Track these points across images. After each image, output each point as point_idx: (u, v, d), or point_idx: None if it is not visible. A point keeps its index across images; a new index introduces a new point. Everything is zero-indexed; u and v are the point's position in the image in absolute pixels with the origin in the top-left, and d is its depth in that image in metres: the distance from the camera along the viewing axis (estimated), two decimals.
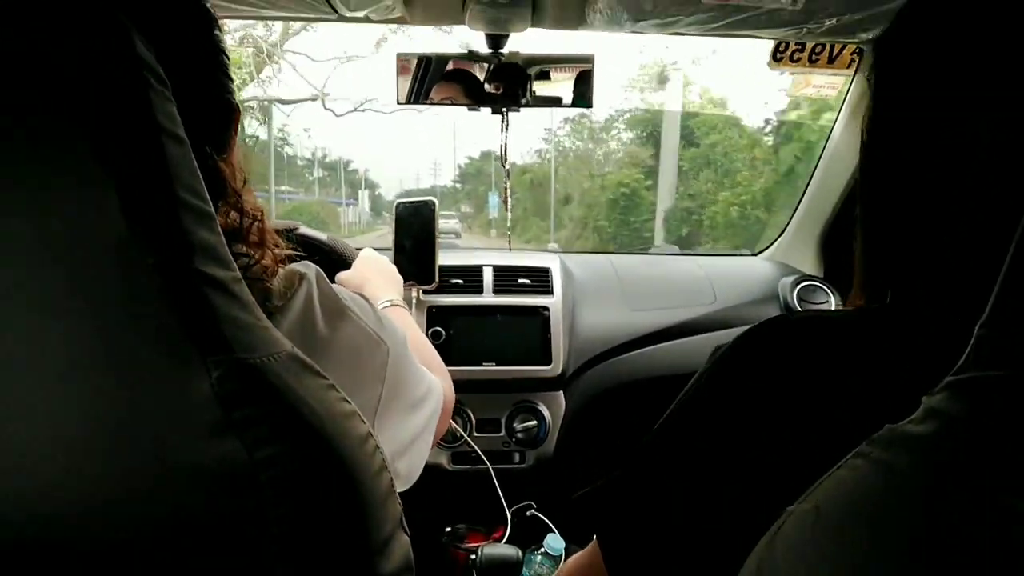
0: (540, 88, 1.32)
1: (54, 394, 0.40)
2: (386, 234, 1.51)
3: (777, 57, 1.36)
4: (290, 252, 0.70)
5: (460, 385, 1.44)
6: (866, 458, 0.37)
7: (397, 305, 1.07)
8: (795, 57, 1.36)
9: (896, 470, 0.35)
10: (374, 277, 1.13)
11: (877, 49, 0.58)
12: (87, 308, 0.40)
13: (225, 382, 0.43)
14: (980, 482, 0.31)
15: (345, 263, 1.16)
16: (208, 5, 0.61)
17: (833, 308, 1.57)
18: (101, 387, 0.41)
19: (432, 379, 0.87)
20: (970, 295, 0.39)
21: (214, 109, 0.62)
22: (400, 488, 0.64)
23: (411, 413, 0.79)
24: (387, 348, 0.73)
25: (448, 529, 1.46)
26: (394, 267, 1.18)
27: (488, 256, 1.62)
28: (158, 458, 0.42)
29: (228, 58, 0.63)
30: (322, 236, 1.28)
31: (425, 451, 0.83)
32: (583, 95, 1.31)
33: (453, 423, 1.39)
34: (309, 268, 0.67)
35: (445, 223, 18.54)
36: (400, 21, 1.18)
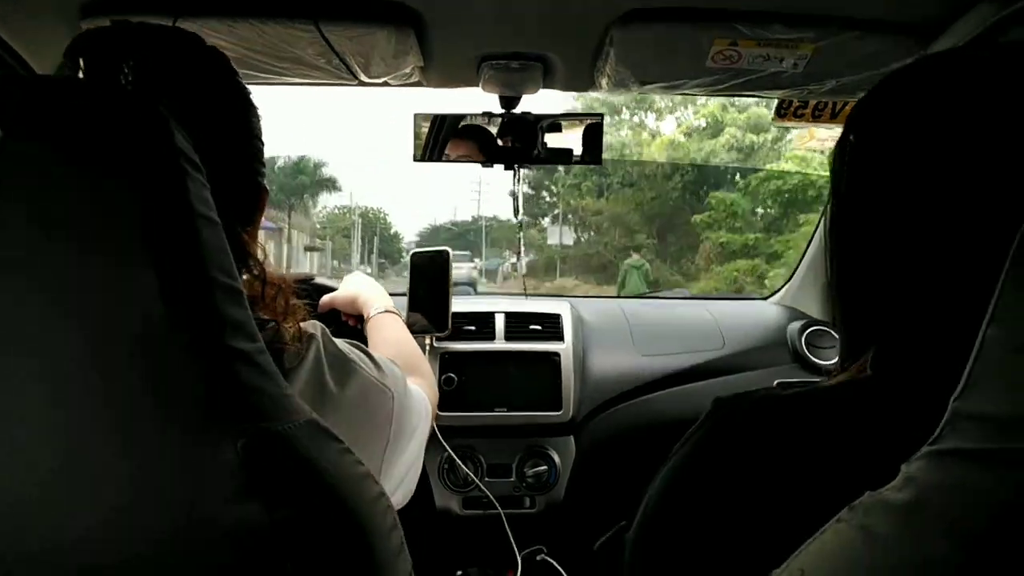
0: (551, 140, 1.35)
1: (90, 459, 0.43)
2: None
3: (781, 113, 1.39)
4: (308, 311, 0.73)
5: (471, 430, 1.47)
6: (848, 523, 0.38)
7: (390, 311, 1.12)
8: (799, 113, 1.39)
9: (876, 535, 0.36)
10: (364, 290, 1.17)
11: (859, 106, 0.60)
12: (118, 383, 0.43)
13: (250, 449, 0.46)
14: (956, 548, 0.33)
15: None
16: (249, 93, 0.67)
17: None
18: (132, 454, 0.44)
19: (421, 398, 0.90)
20: (946, 361, 0.41)
21: (245, 190, 0.67)
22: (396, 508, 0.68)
23: (408, 443, 0.83)
24: (392, 394, 0.77)
25: (459, 573, 1.48)
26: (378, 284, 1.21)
27: (500, 303, 1.65)
28: (184, 519, 0.45)
29: (263, 144, 0.68)
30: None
31: (418, 471, 0.87)
32: (592, 150, 1.34)
33: (464, 467, 1.42)
34: (316, 327, 0.71)
35: (458, 269, 17.84)
36: (417, 85, 1.23)
